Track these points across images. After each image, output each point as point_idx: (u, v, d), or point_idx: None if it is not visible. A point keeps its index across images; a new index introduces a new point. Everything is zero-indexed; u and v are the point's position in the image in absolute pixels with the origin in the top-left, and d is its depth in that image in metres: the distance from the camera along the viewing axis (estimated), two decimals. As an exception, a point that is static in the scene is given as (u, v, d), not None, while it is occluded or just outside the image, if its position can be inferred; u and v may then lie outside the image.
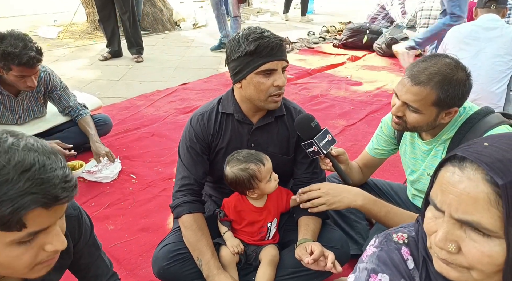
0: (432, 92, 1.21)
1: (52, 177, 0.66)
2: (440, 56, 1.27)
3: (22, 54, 1.94)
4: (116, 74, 4.31)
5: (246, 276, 1.46)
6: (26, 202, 0.64)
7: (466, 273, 0.63)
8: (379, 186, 1.81)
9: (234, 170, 1.36)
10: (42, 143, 0.70)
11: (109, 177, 2.29)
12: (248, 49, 1.28)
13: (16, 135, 0.68)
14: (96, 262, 1.07)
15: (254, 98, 1.36)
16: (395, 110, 1.32)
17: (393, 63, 4.83)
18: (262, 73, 1.31)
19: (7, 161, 0.63)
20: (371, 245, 0.83)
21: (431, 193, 0.68)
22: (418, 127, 1.32)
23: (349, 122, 3.17)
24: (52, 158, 0.68)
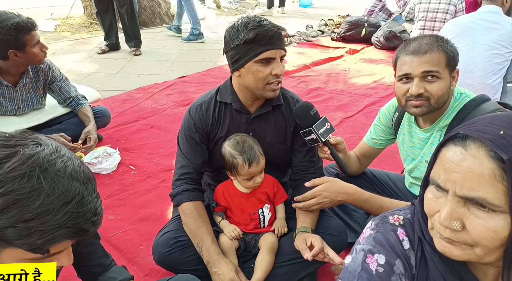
0: (440, 54, 1.27)
1: (87, 211, 0.67)
2: (421, 36, 1.35)
3: (22, 20, 2.02)
4: (114, 67, 4.30)
5: (246, 263, 1.48)
6: (59, 235, 0.65)
7: (469, 251, 0.64)
8: (376, 175, 1.83)
9: (227, 149, 1.40)
10: (84, 168, 0.70)
11: (109, 169, 2.30)
12: (247, 37, 1.29)
13: (63, 156, 0.68)
14: (96, 251, 1.09)
15: (252, 87, 1.37)
16: (415, 89, 1.27)
17: (391, 56, 4.83)
18: (260, 62, 1.32)
19: (52, 190, 0.63)
20: (367, 227, 0.84)
21: (432, 173, 0.69)
22: (441, 98, 1.29)
23: (347, 114, 3.18)
24: (89, 187, 0.69)
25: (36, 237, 0.63)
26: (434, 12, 4.40)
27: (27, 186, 0.61)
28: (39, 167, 0.63)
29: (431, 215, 0.70)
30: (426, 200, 0.71)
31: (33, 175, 0.62)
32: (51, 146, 0.68)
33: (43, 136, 0.71)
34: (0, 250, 0.66)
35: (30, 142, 0.67)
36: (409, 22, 5.32)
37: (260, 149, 1.41)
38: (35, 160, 0.63)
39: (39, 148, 0.66)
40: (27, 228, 0.62)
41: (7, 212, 0.61)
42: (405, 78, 1.31)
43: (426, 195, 0.72)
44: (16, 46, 2.03)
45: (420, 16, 4.54)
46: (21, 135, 0.68)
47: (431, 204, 0.69)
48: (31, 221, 0.62)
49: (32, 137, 0.68)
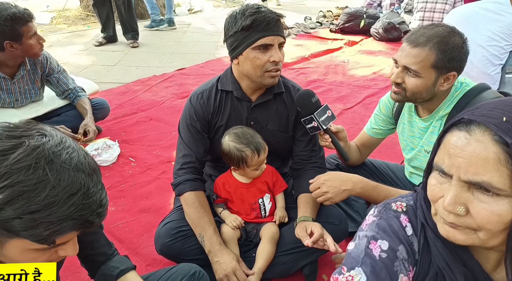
0: (431, 53, 1.24)
1: (92, 203, 0.67)
2: (435, 24, 1.31)
3: (19, 11, 2.00)
4: (112, 60, 4.27)
5: (247, 252, 1.49)
6: (65, 227, 0.64)
7: (473, 235, 0.65)
8: (376, 166, 1.83)
9: (231, 144, 1.38)
10: (89, 159, 0.70)
11: (108, 161, 2.29)
12: (244, 23, 1.28)
13: (68, 147, 0.67)
14: (99, 240, 1.09)
15: (251, 74, 1.36)
16: (394, 76, 1.32)
17: (390, 48, 4.83)
18: (258, 48, 1.31)
19: (57, 182, 0.63)
20: (370, 214, 0.85)
21: (436, 159, 0.69)
22: (418, 94, 1.31)
23: (346, 105, 3.18)
24: (94, 179, 0.68)
25: (42, 228, 0.63)
26: (433, 2, 4.38)
27: (32, 177, 0.61)
28: (44, 159, 0.63)
29: (434, 201, 0.70)
30: (430, 186, 0.71)
31: (39, 166, 0.62)
32: (56, 137, 0.68)
33: (48, 126, 0.70)
34: (7, 241, 0.66)
35: (35, 133, 0.66)
36: (407, 13, 5.31)
37: (260, 136, 1.41)
38: (41, 152, 0.63)
39: (44, 139, 0.65)
40: (33, 219, 0.62)
41: (13, 204, 0.60)
42: (395, 62, 1.34)
43: (429, 181, 0.72)
44: (12, 37, 2.01)
45: (419, 7, 4.52)
46: (26, 125, 0.67)
47: (435, 190, 0.69)
48: (37, 213, 0.62)
49: (37, 128, 0.68)
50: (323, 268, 1.56)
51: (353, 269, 0.73)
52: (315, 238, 1.26)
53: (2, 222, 0.61)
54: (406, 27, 5.00)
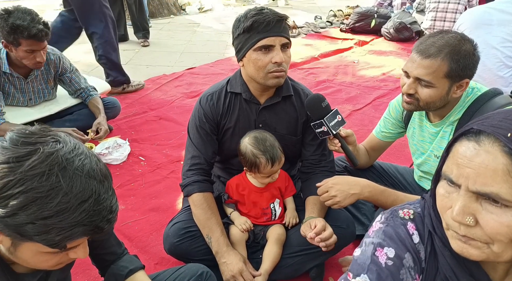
0: (443, 63, 1.23)
1: (102, 209, 0.68)
2: (444, 31, 1.29)
3: (30, 26, 1.96)
4: (123, 58, 4.27)
5: (254, 253, 1.50)
6: (76, 233, 0.66)
7: (487, 249, 0.64)
8: (385, 168, 1.82)
9: (248, 147, 1.39)
10: (100, 165, 0.71)
11: (119, 159, 2.33)
12: (245, 25, 1.30)
13: (81, 154, 0.69)
14: (109, 239, 1.11)
15: (254, 76, 1.37)
16: (406, 87, 1.31)
17: (401, 48, 4.78)
18: (259, 50, 1.31)
19: (70, 189, 0.64)
20: (377, 221, 0.85)
21: (444, 168, 0.69)
22: (431, 103, 1.31)
23: (355, 107, 3.17)
24: (105, 185, 0.70)
25: (54, 233, 0.65)
26: (446, 2, 4.32)
27: (46, 184, 0.63)
28: (58, 166, 0.65)
29: (443, 212, 0.70)
30: (438, 196, 0.71)
31: (52, 173, 0.64)
32: (70, 143, 0.69)
33: (62, 133, 0.72)
34: (20, 244, 0.69)
35: (49, 140, 0.68)
36: (419, 13, 5.24)
37: (279, 146, 1.41)
38: (54, 159, 0.65)
39: (58, 146, 0.67)
40: (46, 225, 0.64)
41: (26, 209, 0.62)
42: (405, 73, 1.33)
43: (438, 190, 0.72)
44: (9, 41, 2.00)
45: (431, 7, 4.47)
46: (41, 132, 0.69)
47: (443, 200, 0.69)
48: (50, 219, 0.63)
49: (52, 134, 0.70)
50: (330, 270, 1.57)
51: (359, 276, 0.74)
52: (317, 230, 1.27)
53: (16, 227, 0.63)
54: (418, 27, 4.95)
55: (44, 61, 2.16)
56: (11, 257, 0.73)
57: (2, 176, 0.62)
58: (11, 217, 0.63)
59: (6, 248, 0.71)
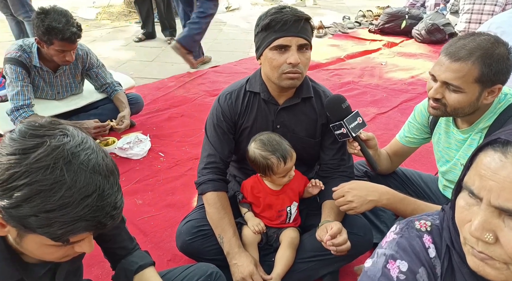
0: (474, 68, 1.15)
1: (106, 205, 0.68)
2: (476, 33, 1.21)
3: (65, 29, 2.04)
4: (150, 55, 4.39)
5: (267, 256, 1.47)
6: (78, 227, 0.66)
7: (506, 271, 0.59)
8: (408, 175, 1.75)
9: (256, 152, 1.36)
10: (107, 161, 0.70)
11: (139, 154, 2.36)
12: (263, 23, 1.28)
13: (88, 148, 0.68)
14: (121, 234, 1.12)
15: (269, 75, 1.34)
16: (433, 92, 1.24)
17: (432, 51, 4.61)
18: (275, 49, 1.28)
19: (73, 183, 0.64)
20: (391, 231, 0.81)
21: (466, 179, 0.64)
22: (460, 109, 1.23)
23: (380, 110, 3.07)
24: (110, 181, 0.69)
25: (56, 227, 0.65)
26: (481, 4, 4.12)
27: (50, 177, 0.63)
28: (63, 159, 0.64)
29: (461, 225, 0.65)
30: (458, 208, 0.66)
31: (57, 167, 0.64)
32: (77, 137, 0.69)
33: (71, 126, 0.72)
34: (25, 235, 0.69)
35: (58, 133, 0.68)
36: (453, 15, 5.04)
37: (287, 143, 1.38)
38: (60, 152, 0.65)
39: (65, 140, 0.67)
40: (48, 218, 0.64)
41: (30, 202, 0.63)
42: (432, 76, 1.26)
43: (458, 201, 0.68)
44: (42, 39, 2.08)
45: (466, 8, 4.28)
46: (50, 125, 0.69)
47: (463, 212, 0.64)
48: (52, 212, 0.63)
49: (61, 128, 0.70)
50: (345, 278, 1.52)
51: (369, 289, 0.70)
52: (332, 232, 1.22)
53: (20, 219, 0.64)
54: (451, 29, 4.75)
55: (73, 60, 2.24)
56: (18, 248, 0.74)
57: (8, 167, 0.63)
58: (15, 209, 0.63)
59: (13, 239, 0.73)
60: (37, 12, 2.06)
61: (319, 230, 1.31)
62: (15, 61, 2.19)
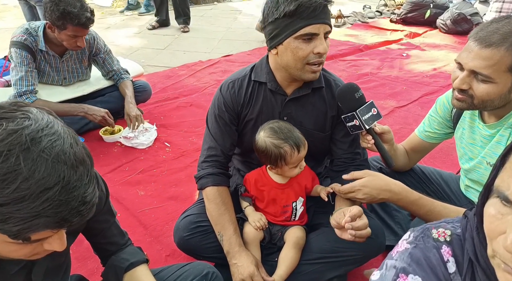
0: (508, 54, 1.02)
1: (72, 199, 0.59)
2: (511, 16, 1.06)
3: (80, 14, 2.01)
4: (162, 43, 4.32)
5: (270, 255, 1.38)
6: (37, 224, 0.58)
7: None
8: (426, 173, 1.62)
9: (267, 141, 1.25)
10: (76, 149, 0.61)
11: (145, 144, 2.30)
12: (288, 9, 1.13)
13: (53, 134, 0.59)
14: (111, 228, 1.04)
15: (290, 66, 1.23)
16: (459, 82, 1.11)
17: (457, 42, 4.37)
18: (301, 38, 1.16)
19: (31, 173, 0.55)
20: (404, 239, 0.70)
21: (498, 182, 0.54)
22: (489, 102, 1.10)
23: (399, 103, 2.91)
24: (79, 172, 0.60)
25: (11, 224, 0.56)
26: (515, -9, 3.85)
27: (3, 166, 0.54)
28: (19, 146, 0.56)
29: (492, 237, 0.54)
30: (488, 217, 0.55)
31: (12, 154, 0.55)
32: (41, 121, 0.60)
33: (37, 109, 0.63)
34: None
35: (18, 115, 0.59)
36: (482, 3, 4.76)
37: (298, 130, 1.28)
38: (17, 138, 0.56)
39: (26, 123, 0.58)
40: (1, 213, 0.55)
41: None
42: (458, 64, 1.13)
43: (487, 209, 0.56)
44: (55, 23, 2.03)
45: (496, -4, 4.01)
46: (11, 106, 0.61)
47: (494, 222, 0.53)
48: (5, 206, 0.55)
49: (24, 110, 0.61)
50: (353, 283, 1.41)
51: (374, 309, 0.60)
52: (352, 214, 1.10)
53: None
54: (479, 19, 4.49)
55: (84, 46, 2.19)
56: None
57: None
58: None
59: None
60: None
61: (336, 214, 1.20)
62: (20, 44, 2.15)
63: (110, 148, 2.30)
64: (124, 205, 1.81)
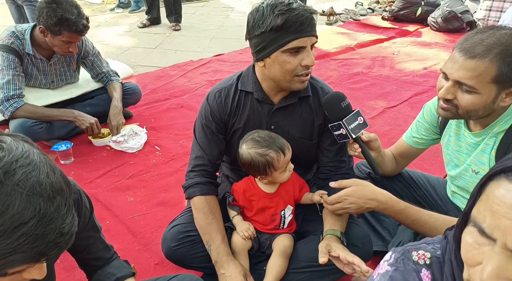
0: (492, 66, 1.02)
1: (49, 232, 0.58)
2: (496, 27, 1.07)
3: (77, 21, 2.00)
4: (153, 42, 4.28)
5: (258, 264, 1.39)
6: (12, 261, 0.56)
7: None
8: (414, 178, 1.63)
9: (251, 152, 1.25)
10: (53, 179, 0.59)
11: (134, 148, 2.28)
12: (275, 23, 1.12)
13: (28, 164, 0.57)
14: (95, 244, 1.04)
15: (279, 79, 1.23)
16: (443, 92, 1.12)
17: (448, 40, 4.38)
18: (289, 51, 1.16)
19: (5, 209, 0.54)
20: (385, 260, 0.70)
21: (475, 212, 0.54)
22: (473, 112, 1.11)
23: (390, 103, 2.92)
24: (56, 203, 0.59)
25: None
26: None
27: None
28: None
29: (469, 265, 0.55)
30: (465, 245, 0.56)
31: None
32: (15, 151, 0.58)
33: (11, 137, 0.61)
34: None
35: None
36: (473, 1, 4.77)
37: (278, 136, 1.29)
38: None
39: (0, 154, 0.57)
40: None
41: None
42: (444, 74, 1.13)
43: (464, 237, 0.57)
44: (49, 28, 2.01)
45: (487, -6, 4.03)
46: None
47: (471, 251, 0.54)
48: None
49: None
50: (341, 289, 1.42)
51: None
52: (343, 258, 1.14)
53: None
54: (470, 17, 4.50)
55: (76, 52, 2.19)
56: None
57: None
58: None
59: None
60: (47, 1, 1.99)
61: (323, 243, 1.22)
62: (7, 48, 2.11)
63: (100, 152, 2.28)
64: (113, 212, 1.80)
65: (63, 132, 2.34)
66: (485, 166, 1.23)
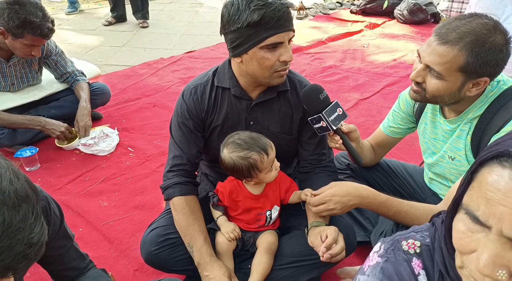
0: (460, 54, 1.03)
1: (15, 243, 0.52)
2: (476, 15, 1.07)
3: (42, 24, 1.89)
4: (120, 40, 4.13)
5: (242, 263, 1.36)
6: None
7: None
8: (392, 167, 1.65)
9: (233, 156, 1.20)
10: (18, 185, 0.54)
11: (106, 150, 2.18)
12: (251, 19, 1.09)
13: None
14: (68, 253, 0.97)
15: (257, 75, 1.19)
16: (414, 74, 1.14)
17: (414, 31, 4.50)
18: (267, 47, 1.13)
19: None
20: (375, 251, 0.69)
21: (467, 200, 0.53)
22: (439, 97, 1.13)
23: (363, 95, 2.96)
24: (22, 211, 0.54)
25: None
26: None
27: None
28: None
29: (463, 253, 0.54)
30: (457, 232, 0.54)
31: None
32: None
33: None
34: None
35: None
36: (437, -7, 4.90)
37: (261, 136, 1.25)
38: None
39: None
40: None
41: None
42: (418, 56, 1.15)
43: (456, 224, 0.55)
44: (11, 31, 1.88)
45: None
46: None
47: (464, 239, 0.53)
48: None
49: None
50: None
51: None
52: (327, 243, 1.13)
53: None
54: (434, 8, 4.64)
55: (39, 55, 2.06)
56: None
57: None
58: None
59: None
60: (9, 1, 1.84)
61: (312, 237, 1.21)
62: (-40, 50, 1.96)
63: (68, 157, 2.16)
64: (86, 219, 1.71)
65: (26, 137, 2.20)
66: (461, 152, 1.25)
